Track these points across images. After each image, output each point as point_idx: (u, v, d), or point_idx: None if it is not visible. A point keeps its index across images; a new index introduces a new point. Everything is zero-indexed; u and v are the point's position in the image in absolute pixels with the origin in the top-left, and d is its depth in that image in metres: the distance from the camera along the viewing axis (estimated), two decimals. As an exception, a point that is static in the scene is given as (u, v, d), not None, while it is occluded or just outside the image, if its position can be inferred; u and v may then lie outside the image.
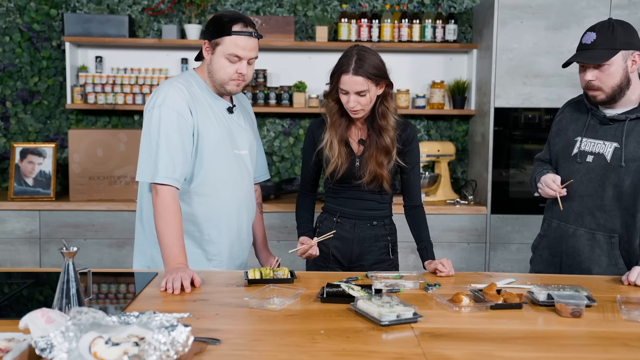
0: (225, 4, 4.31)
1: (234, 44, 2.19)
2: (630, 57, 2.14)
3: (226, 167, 2.28)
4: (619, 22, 2.16)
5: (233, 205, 2.32)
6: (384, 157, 2.37)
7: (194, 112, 2.20)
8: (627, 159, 2.17)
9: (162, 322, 1.34)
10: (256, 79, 4.24)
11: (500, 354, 1.50)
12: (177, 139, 2.15)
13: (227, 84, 2.24)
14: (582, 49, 2.17)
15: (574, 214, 2.29)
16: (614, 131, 2.21)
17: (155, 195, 2.15)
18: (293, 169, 4.45)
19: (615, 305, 1.87)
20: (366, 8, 4.30)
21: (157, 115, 2.16)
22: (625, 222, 2.21)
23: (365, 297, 1.77)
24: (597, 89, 2.18)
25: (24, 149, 4.01)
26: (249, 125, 2.44)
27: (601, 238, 2.25)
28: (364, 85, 2.27)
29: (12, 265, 3.82)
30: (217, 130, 2.25)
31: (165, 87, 2.21)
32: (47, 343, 1.28)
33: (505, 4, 3.81)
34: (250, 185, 2.41)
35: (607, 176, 2.21)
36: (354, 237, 2.46)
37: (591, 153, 2.25)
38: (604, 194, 2.22)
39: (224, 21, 2.19)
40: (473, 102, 4.26)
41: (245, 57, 2.21)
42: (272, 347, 1.50)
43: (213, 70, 2.23)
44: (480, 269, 3.93)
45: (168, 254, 2.08)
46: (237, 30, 2.19)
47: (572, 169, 2.30)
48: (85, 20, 4.07)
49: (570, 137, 2.33)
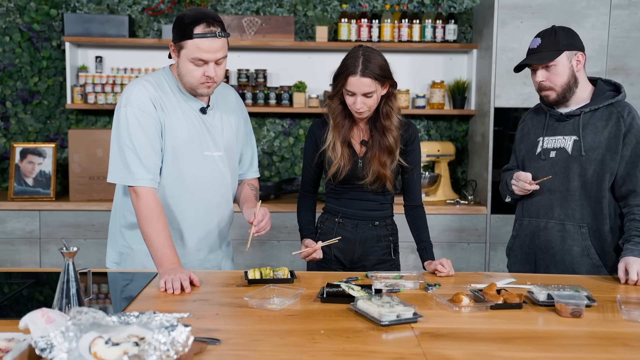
0: (225, 4, 4.31)
1: (197, 48, 2.07)
2: (574, 57, 2.33)
3: (194, 169, 2.21)
4: (561, 27, 2.36)
5: (200, 209, 2.25)
6: (387, 157, 2.37)
7: (161, 110, 2.14)
8: (586, 149, 2.32)
9: (162, 322, 1.34)
10: (256, 79, 4.25)
11: (500, 354, 1.50)
12: (144, 139, 2.11)
13: (196, 87, 2.15)
14: (530, 53, 2.37)
15: (543, 208, 2.41)
16: (571, 126, 2.38)
17: (135, 198, 2.12)
18: (293, 169, 4.45)
19: (615, 305, 1.88)
20: (366, 8, 4.30)
21: (124, 115, 2.12)
22: (593, 211, 2.32)
23: (365, 297, 1.77)
24: (548, 88, 2.35)
25: (24, 149, 4.01)
26: (232, 123, 2.34)
27: (571, 228, 2.35)
28: (371, 86, 2.26)
29: (12, 265, 3.82)
30: (185, 131, 2.18)
31: (131, 86, 2.16)
32: (47, 343, 1.28)
33: (505, 4, 3.81)
34: (225, 187, 2.31)
35: (570, 167, 2.35)
36: (356, 238, 2.46)
37: (553, 149, 2.40)
38: (570, 185, 2.34)
39: (186, 23, 2.07)
40: (473, 102, 4.27)
41: (210, 59, 2.09)
42: (272, 347, 1.50)
43: (181, 74, 2.15)
44: (480, 269, 3.93)
45: (160, 255, 2.06)
46: (199, 32, 2.06)
47: (537, 167, 2.42)
48: (85, 20, 4.07)
49: (532, 140, 2.48)
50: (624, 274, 2.12)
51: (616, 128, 2.29)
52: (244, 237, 3.76)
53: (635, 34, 3.82)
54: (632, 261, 2.13)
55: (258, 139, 4.41)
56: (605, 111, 2.34)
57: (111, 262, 2.33)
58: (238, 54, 4.32)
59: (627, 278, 2.11)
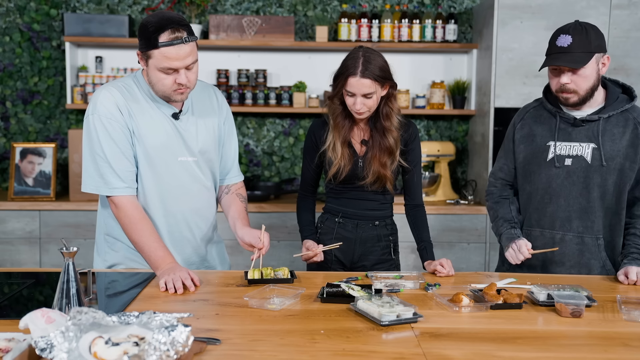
0: (225, 4, 4.31)
1: (164, 57, 1.98)
2: (601, 59, 2.16)
3: (170, 175, 2.16)
4: (590, 25, 2.15)
5: (177, 216, 2.20)
6: (387, 157, 2.36)
7: (129, 116, 2.08)
8: (606, 158, 2.19)
9: (162, 322, 1.34)
10: (256, 79, 4.25)
11: (500, 354, 1.50)
12: (114, 147, 2.06)
13: (169, 95, 2.08)
14: (559, 51, 2.13)
15: (560, 219, 2.27)
16: (587, 132, 2.22)
17: (115, 208, 2.10)
18: (293, 169, 4.45)
19: (615, 305, 1.88)
20: (366, 8, 4.30)
21: (92, 124, 2.08)
22: (610, 222, 2.24)
23: (365, 297, 1.77)
24: (572, 91, 2.17)
25: (24, 149, 4.01)
26: (208, 126, 2.24)
27: (589, 241, 2.25)
28: (371, 87, 2.26)
29: (12, 265, 3.82)
30: (156, 137, 2.12)
31: (97, 93, 2.11)
32: (47, 343, 1.28)
33: (505, 4, 3.81)
34: (203, 192, 2.25)
35: (590, 177, 2.22)
36: (356, 238, 2.46)
37: (569, 156, 2.24)
38: (590, 196, 2.23)
39: (150, 31, 1.98)
40: (473, 102, 4.27)
41: (180, 67, 2.00)
42: (272, 347, 1.50)
43: (151, 82, 2.08)
44: (480, 269, 3.93)
45: (154, 258, 2.04)
46: (165, 41, 1.97)
47: (550, 174, 2.27)
48: (85, 20, 4.07)
49: (540, 143, 2.30)
50: (625, 277, 2.12)
51: (634, 135, 2.19)
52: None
53: (635, 34, 3.82)
54: (631, 267, 2.12)
55: (258, 139, 4.42)
56: (621, 117, 2.21)
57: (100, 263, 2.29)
58: (238, 54, 4.32)
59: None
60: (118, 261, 2.24)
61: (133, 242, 2.09)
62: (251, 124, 4.41)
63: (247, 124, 4.40)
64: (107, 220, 2.23)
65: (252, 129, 4.41)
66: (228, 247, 2.58)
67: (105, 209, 2.23)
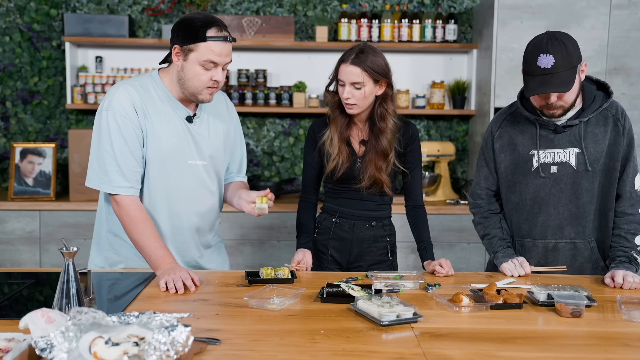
0: (225, 4, 4.31)
1: (210, 51, 2.04)
2: (580, 68, 2.11)
3: (178, 177, 2.17)
4: (564, 35, 2.08)
5: (182, 217, 2.21)
6: (383, 161, 2.35)
7: (143, 117, 2.10)
8: (590, 162, 2.18)
9: (162, 322, 1.34)
10: (256, 79, 4.25)
11: (500, 354, 1.50)
12: (124, 145, 2.07)
13: (200, 92, 2.11)
14: (544, 73, 2.05)
15: (552, 228, 2.25)
16: (570, 137, 2.19)
17: (116, 207, 2.10)
18: (293, 169, 4.45)
19: (615, 305, 1.88)
20: (366, 8, 4.30)
21: (105, 120, 2.08)
22: (600, 223, 2.23)
23: (365, 297, 1.77)
24: (558, 107, 2.13)
25: (24, 149, 4.01)
26: (219, 131, 2.27)
27: (581, 245, 2.24)
28: (359, 76, 2.26)
29: (12, 265, 3.82)
30: (169, 139, 2.14)
31: (114, 89, 2.12)
32: (47, 343, 1.28)
33: (505, 4, 3.81)
34: (208, 196, 2.26)
35: (578, 183, 2.20)
36: (353, 238, 2.46)
37: (554, 163, 2.20)
38: (579, 201, 2.21)
39: (197, 26, 2.04)
40: (473, 102, 4.27)
41: (221, 63, 2.08)
42: (272, 347, 1.50)
43: (185, 77, 2.10)
44: (480, 269, 3.93)
45: (154, 258, 2.04)
46: (212, 35, 2.04)
47: (537, 184, 2.23)
48: (85, 20, 4.07)
49: (522, 152, 2.25)
50: (611, 280, 2.09)
51: (615, 132, 2.17)
52: (243, 237, 3.77)
53: (635, 34, 3.82)
54: (617, 270, 2.10)
55: (258, 139, 4.42)
56: (600, 116, 2.19)
57: (95, 266, 2.28)
58: (238, 54, 4.32)
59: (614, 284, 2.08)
60: (120, 259, 2.25)
61: (133, 241, 2.09)
62: (251, 124, 4.41)
63: (247, 124, 4.40)
64: (111, 217, 2.23)
65: (252, 129, 4.41)
66: (228, 247, 2.58)
67: (109, 204, 2.23)
